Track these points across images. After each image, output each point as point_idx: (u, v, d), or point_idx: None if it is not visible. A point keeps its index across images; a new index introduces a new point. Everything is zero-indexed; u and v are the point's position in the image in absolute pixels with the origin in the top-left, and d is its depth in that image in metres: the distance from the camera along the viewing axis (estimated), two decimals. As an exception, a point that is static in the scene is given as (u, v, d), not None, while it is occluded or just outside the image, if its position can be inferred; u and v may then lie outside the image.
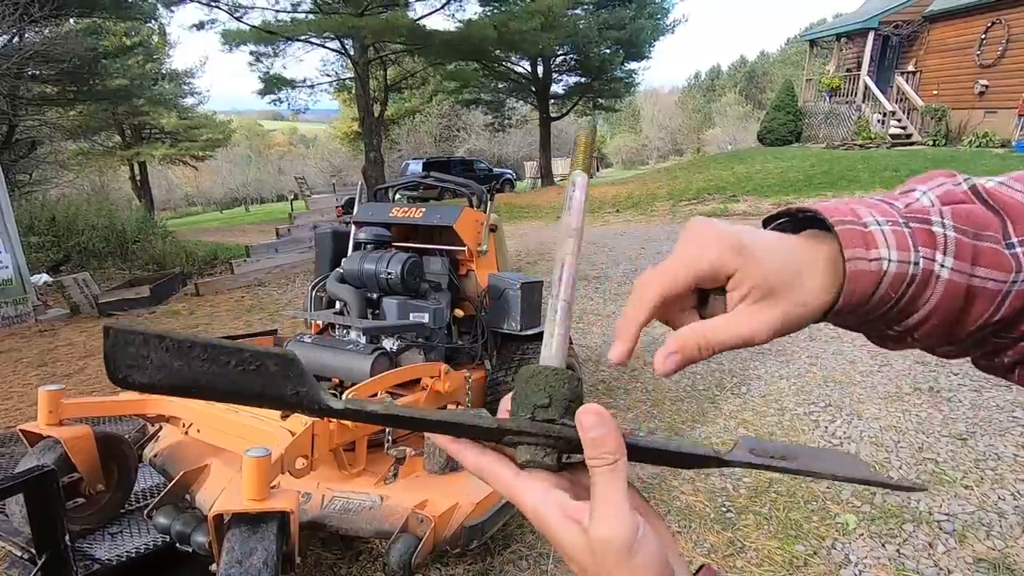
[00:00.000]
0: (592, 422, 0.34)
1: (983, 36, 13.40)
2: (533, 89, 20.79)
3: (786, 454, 0.38)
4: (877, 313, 0.39)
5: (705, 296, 0.40)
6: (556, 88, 21.69)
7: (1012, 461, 2.80)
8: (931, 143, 13.89)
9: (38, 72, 11.53)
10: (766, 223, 0.43)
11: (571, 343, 3.06)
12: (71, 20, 13.30)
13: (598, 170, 35.79)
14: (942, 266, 0.38)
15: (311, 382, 0.34)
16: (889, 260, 0.37)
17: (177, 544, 1.75)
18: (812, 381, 3.89)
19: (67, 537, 1.64)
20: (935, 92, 14.59)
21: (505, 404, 0.40)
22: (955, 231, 0.38)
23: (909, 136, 14.40)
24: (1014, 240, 0.39)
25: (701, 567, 0.42)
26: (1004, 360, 0.42)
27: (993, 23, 13.17)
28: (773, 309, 0.37)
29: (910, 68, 15.31)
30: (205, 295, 7.34)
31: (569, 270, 0.39)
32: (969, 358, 0.45)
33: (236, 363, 0.32)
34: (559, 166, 23.32)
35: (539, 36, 14.54)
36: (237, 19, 14.27)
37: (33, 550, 1.62)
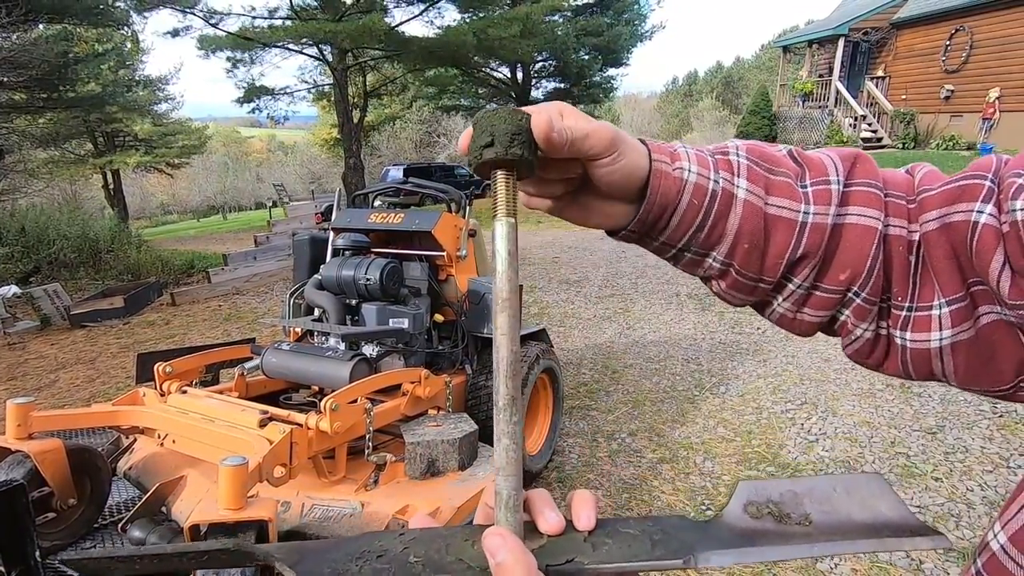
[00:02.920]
0: (495, 545, 0.30)
1: (948, 42, 13.83)
2: (513, 95, 20.88)
3: (793, 493, 0.35)
4: (692, 228, 0.45)
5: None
6: (536, 94, 21.81)
7: (980, 453, 2.89)
8: (900, 146, 14.27)
9: (5, 79, 11.25)
10: None
11: (551, 346, 3.08)
12: (40, 26, 13.02)
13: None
14: (738, 187, 0.44)
15: (266, 551, 0.33)
16: (689, 171, 0.44)
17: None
18: (789, 380, 3.96)
19: (37, 553, 1.60)
20: (904, 97, 15.00)
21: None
22: (747, 160, 0.45)
23: (880, 139, 14.77)
24: (807, 182, 0.46)
25: None
26: (851, 327, 0.47)
27: (957, 30, 13.60)
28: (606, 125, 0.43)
29: (880, 73, 15.73)
30: (181, 305, 7.22)
31: (508, 358, 0.33)
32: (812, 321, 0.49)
33: (191, 559, 0.32)
34: (540, 171, 23.35)
35: (518, 43, 14.61)
36: (213, 26, 14.09)
37: (1, 567, 1.58)
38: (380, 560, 0.32)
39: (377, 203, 3.37)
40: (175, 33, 14.03)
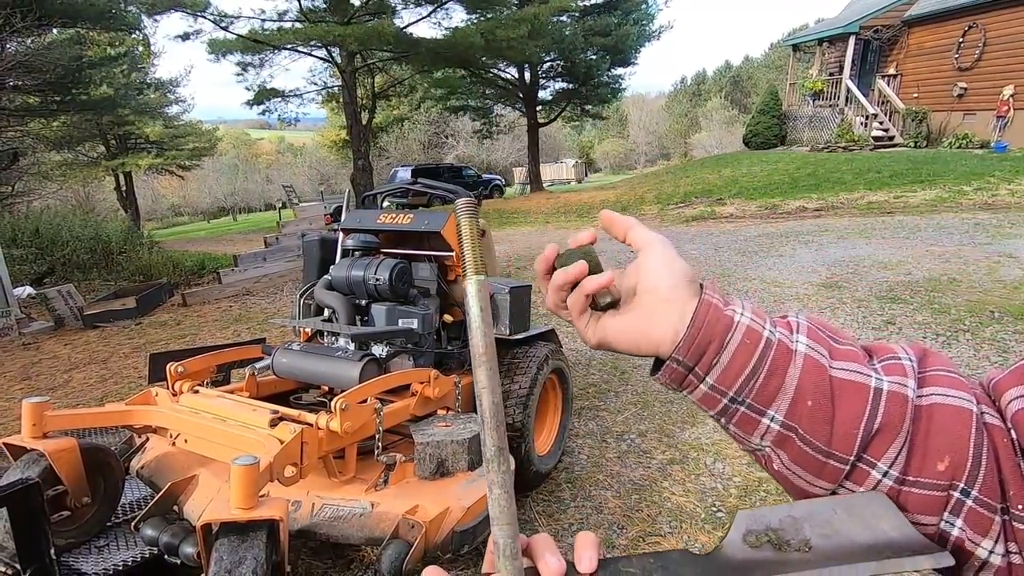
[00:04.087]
0: None
1: (960, 40, 13.68)
2: (520, 95, 20.89)
3: (792, 519, 0.35)
4: (745, 371, 0.40)
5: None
6: (543, 94, 21.82)
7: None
8: (912, 145, 14.13)
9: (20, 83, 11.41)
10: None
11: (560, 346, 3.07)
12: (54, 30, 13.19)
13: (587, 175, 35.97)
14: (798, 342, 0.40)
15: None
16: (742, 315, 0.41)
17: (165, 556, 1.74)
18: (800, 381, 3.93)
19: (52, 551, 1.62)
20: (915, 95, 14.85)
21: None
22: (807, 323, 0.42)
23: (891, 138, 14.64)
24: (874, 361, 0.42)
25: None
26: (971, 546, 0.37)
27: (970, 27, 13.45)
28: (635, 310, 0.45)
29: (891, 71, 15.59)
30: (192, 305, 7.28)
31: (491, 410, 0.33)
32: None
33: None
34: (548, 172, 23.42)
35: (525, 43, 14.62)
36: (223, 29, 14.22)
37: (18, 565, 1.60)
38: None
39: (386, 204, 3.38)
40: (185, 36, 14.16)
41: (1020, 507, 0.35)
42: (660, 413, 3.57)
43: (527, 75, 20.31)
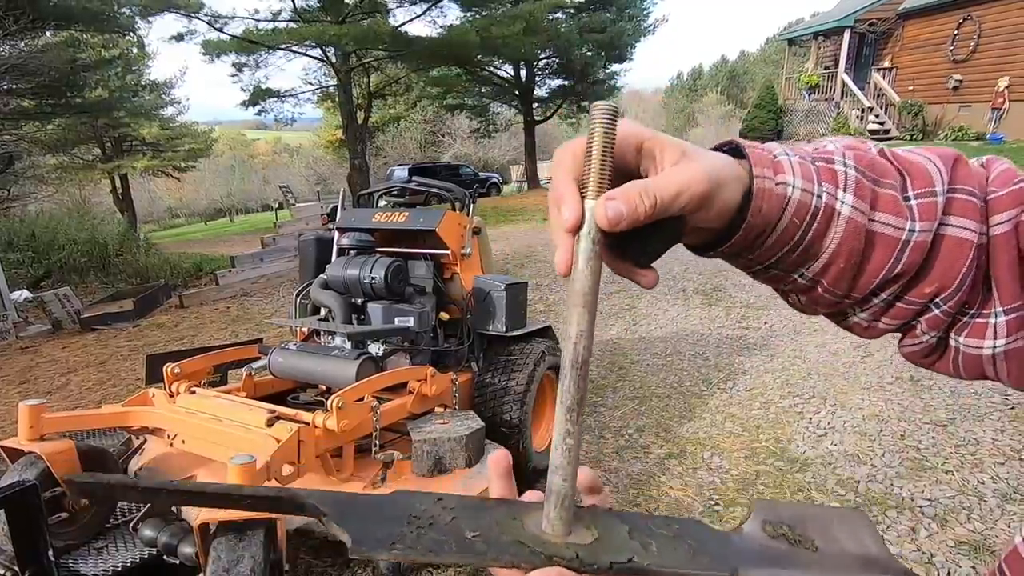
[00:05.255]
0: None
1: (955, 32, 13.68)
2: (516, 93, 20.84)
3: (800, 517, 0.37)
4: (786, 247, 0.41)
5: None
6: (539, 91, 21.75)
7: (991, 445, 2.86)
8: (908, 138, 14.13)
9: (14, 86, 11.37)
10: None
11: (558, 343, 3.08)
12: (47, 33, 13.14)
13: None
14: (842, 203, 0.41)
15: (314, 504, 0.33)
16: (793, 186, 0.40)
17: (164, 556, 1.74)
18: (796, 374, 3.94)
19: (51, 552, 1.62)
20: (911, 88, 14.85)
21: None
22: (855, 171, 0.42)
23: (887, 131, 14.64)
24: (911, 194, 0.42)
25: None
26: (920, 333, 0.45)
27: (965, 19, 13.45)
28: (699, 162, 0.37)
29: (886, 64, 15.59)
30: (190, 307, 7.28)
31: (584, 356, 0.33)
32: (886, 331, 0.47)
33: (234, 500, 0.33)
34: (544, 169, 23.36)
35: (521, 40, 14.58)
36: (217, 30, 14.18)
37: (16, 567, 1.60)
38: (433, 529, 0.32)
39: (382, 203, 3.38)
40: (179, 37, 14.13)
41: (967, 306, 0.43)
42: (658, 408, 3.57)
43: (523, 73, 20.26)
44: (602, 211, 0.34)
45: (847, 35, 15.22)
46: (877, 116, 14.99)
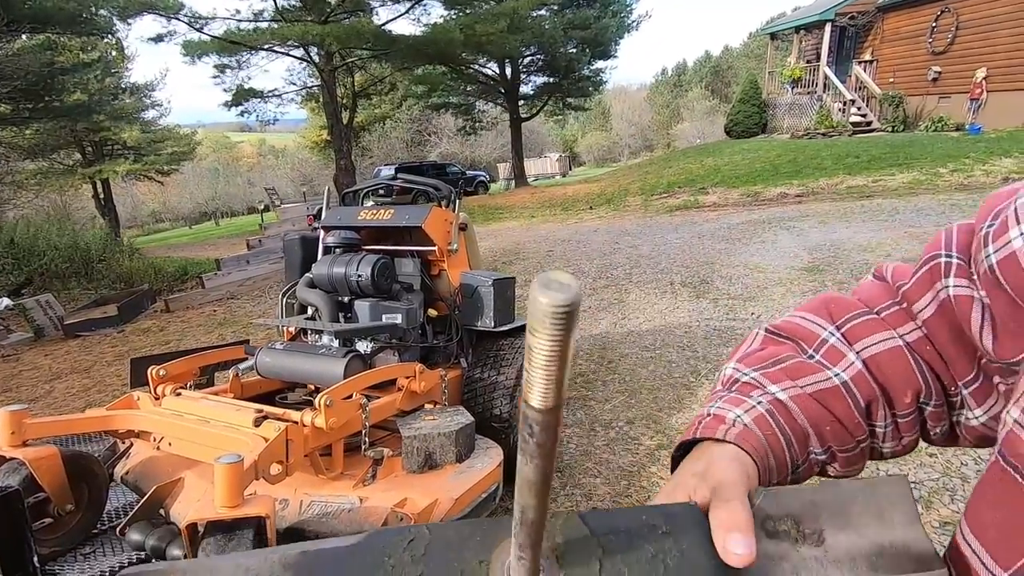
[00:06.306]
0: None
1: (934, 24, 13.87)
2: (502, 91, 20.83)
3: (812, 503, 0.34)
4: (784, 450, 0.45)
5: None
6: (525, 89, 21.77)
7: (974, 428, 2.91)
8: (890, 129, 14.32)
9: (-10, 91, 11.16)
10: (674, 459, 0.51)
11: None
12: (23, 36, 12.91)
13: (571, 168, 36.00)
14: (775, 394, 0.46)
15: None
16: (737, 416, 0.45)
17: (152, 560, 1.72)
18: (784, 363, 3.98)
19: (36, 559, 1.59)
20: (891, 80, 15.05)
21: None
22: (756, 371, 0.48)
23: (869, 123, 14.82)
24: (811, 351, 0.48)
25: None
26: (931, 427, 0.50)
27: (943, 11, 13.64)
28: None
29: (867, 57, 15.77)
30: (176, 311, 7.19)
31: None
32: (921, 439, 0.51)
33: None
34: (532, 166, 23.41)
35: (505, 38, 14.56)
36: (197, 30, 14.01)
37: (0, 574, 1.58)
38: None
39: (368, 202, 3.36)
40: (159, 39, 13.94)
41: (952, 388, 0.47)
42: (648, 400, 3.60)
43: (508, 70, 20.26)
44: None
45: (828, 28, 15.37)
46: (859, 108, 15.17)
